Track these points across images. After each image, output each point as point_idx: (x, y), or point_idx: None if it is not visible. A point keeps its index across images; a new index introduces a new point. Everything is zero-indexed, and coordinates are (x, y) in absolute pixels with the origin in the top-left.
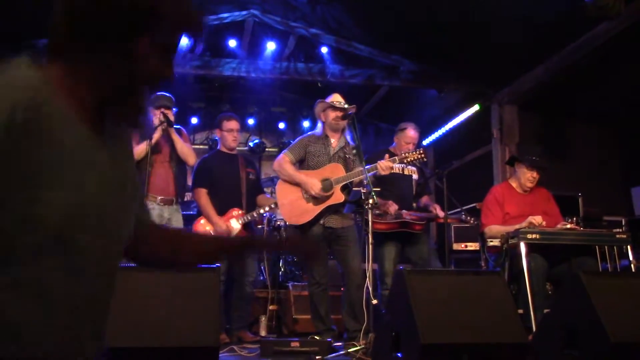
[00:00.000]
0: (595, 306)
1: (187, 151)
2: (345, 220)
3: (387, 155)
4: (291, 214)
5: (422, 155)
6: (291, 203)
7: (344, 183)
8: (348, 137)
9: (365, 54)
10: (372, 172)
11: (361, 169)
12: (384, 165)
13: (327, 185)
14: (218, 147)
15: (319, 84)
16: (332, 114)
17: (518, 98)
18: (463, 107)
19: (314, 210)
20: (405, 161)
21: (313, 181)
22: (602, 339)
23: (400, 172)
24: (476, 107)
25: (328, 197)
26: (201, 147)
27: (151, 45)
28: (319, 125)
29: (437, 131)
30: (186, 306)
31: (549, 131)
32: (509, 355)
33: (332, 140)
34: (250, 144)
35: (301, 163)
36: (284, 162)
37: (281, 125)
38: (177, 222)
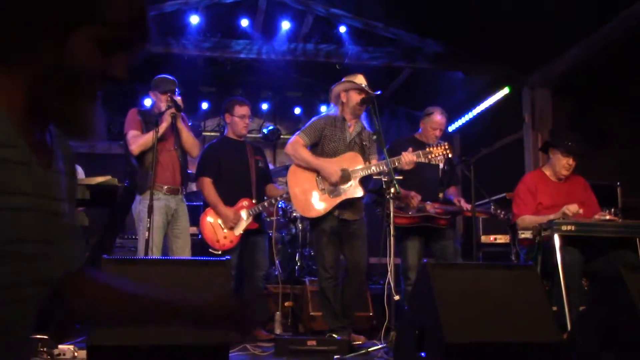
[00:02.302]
0: (637, 304)
1: (192, 142)
2: (358, 212)
3: (410, 148)
4: (305, 206)
5: (448, 151)
6: (305, 193)
7: (362, 176)
8: (365, 123)
9: (387, 34)
10: (393, 165)
11: (382, 161)
12: (408, 160)
13: (346, 176)
14: (225, 133)
15: (337, 67)
16: (357, 97)
17: (551, 81)
18: (491, 90)
19: (330, 203)
20: (429, 157)
21: (333, 168)
22: None
23: (426, 161)
24: (506, 91)
25: (345, 190)
26: (212, 134)
27: (91, 41)
28: (335, 107)
29: (463, 117)
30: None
31: (585, 116)
32: (542, 356)
33: (350, 125)
34: (264, 130)
35: (314, 147)
36: (299, 145)
37: (297, 111)
38: (183, 213)
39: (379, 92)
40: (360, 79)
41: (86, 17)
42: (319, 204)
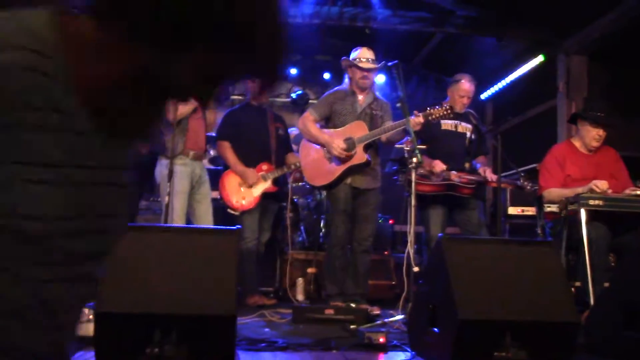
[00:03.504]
0: None
1: (214, 119)
2: (373, 182)
3: (415, 112)
4: (313, 175)
5: (448, 111)
6: (313, 163)
7: (366, 142)
8: (376, 92)
9: None
10: (399, 128)
11: (385, 126)
12: (416, 121)
13: (350, 145)
14: (247, 100)
15: (366, 30)
16: (359, 74)
17: (588, 47)
18: (526, 57)
19: (336, 170)
20: (430, 118)
21: (336, 142)
22: None
23: (453, 129)
24: (540, 58)
25: (351, 157)
26: (240, 97)
27: (198, 66)
28: (346, 80)
29: (496, 84)
30: (201, 269)
31: (621, 84)
32: (558, 336)
33: (360, 97)
34: (293, 95)
35: (327, 120)
36: (308, 121)
37: (326, 76)
38: (206, 179)
39: (381, 65)
40: (363, 53)
41: (207, 44)
42: (325, 172)
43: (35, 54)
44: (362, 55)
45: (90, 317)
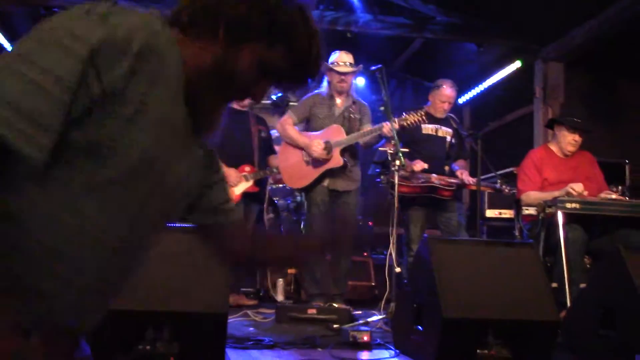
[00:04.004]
0: (635, 284)
1: None
2: (351, 184)
3: (393, 118)
4: (291, 177)
5: (423, 117)
6: (292, 166)
7: (343, 146)
8: (355, 95)
9: (399, 2)
10: (375, 133)
11: (362, 131)
12: (388, 128)
13: (328, 148)
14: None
15: (348, 34)
16: (336, 77)
17: (566, 54)
18: (504, 63)
19: (313, 173)
20: (405, 124)
21: (315, 142)
22: None
23: (433, 133)
24: (518, 64)
25: (328, 161)
26: None
27: (256, 58)
28: (325, 83)
29: (474, 89)
30: (192, 268)
31: (597, 91)
32: (539, 334)
33: (338, 101)
34: (273, 96)
35: (306, 123)
36: (287, 124)
37: None
38: None
39: (358, 68)
40: (342, 57)
41: (264, 36)
42: (303, 175)
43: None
44: (340, 59)
45: None
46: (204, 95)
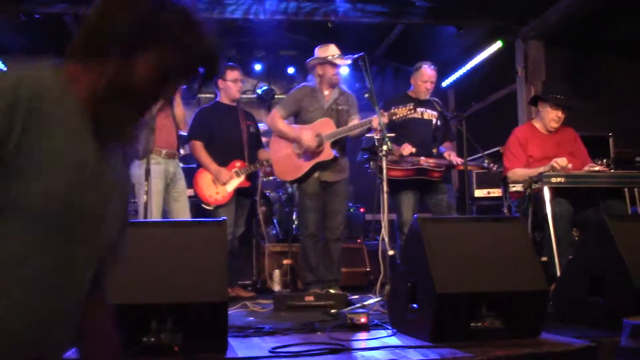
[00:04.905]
0: (620, 251)
1: (182, 115)
2: (340, 174)
3: (382, 111)
4: (283, 170)
5: (412, 110)
6: (283, 159)
7: (334, 139)
8: (344, 86)
9: None
10: (365, 127)
11: (352, 124)
12: (377, 122)
13: (319, 141)
14: (217, 99)
15: (329, 25)
16: (332, 71)
17: (545, 32)
18: (485, 44)
19: (304, 166)
20: (394, 118)
21: (305, 134)
22: (627, 284)
23: (419, 117)
24: (499, 44)
25: (319, 153)
26: (207, 95)
27: (151, 65)
28: (316, 77)
29: (457, 71)
30: (192, 260)
31: (578, 67)
32: (529, 304)
33: (326, 93)
34: (259, 91)
35: (295, 117)
36: (276, 118)
37: (290, 70)
38: (181, 176)
39: (349, 59)
40: (332, 50)
41: (154, 43)
42: (294, 168)
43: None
44: (333, 52)
45: None
46: (112, 117)
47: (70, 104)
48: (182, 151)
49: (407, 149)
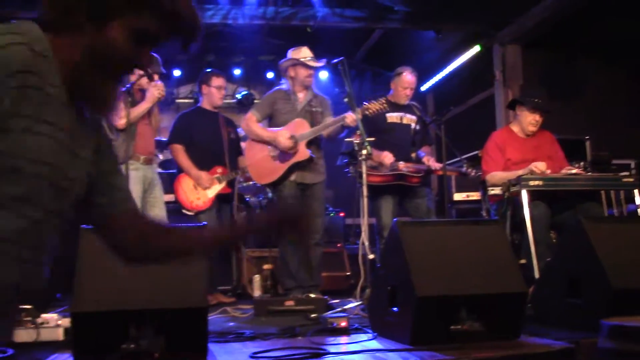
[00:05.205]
0: (597, 253)
1: (159, 122)
2: (317, 176)
3: (357, 109)
4: (259, 173)
5: (384, 105)
6: (259, 162)
7: (309, 139)
8: (316, 89)
9: None
10: (338, 124)
11: (326, 122)
12: (352, 119)
13: (293, 142)
14: (199, 104)
15: (308, 29)
16: (305, 72)
17: (522, 37)
18: (463, 48)
19: (280, 168)
20: (368, 113)
21: (281, 134)
22: (604, 286)
23: (398, 121)
24: (477, 48)
25: (294, 154)
26: (185, 100)
27: (126, 31)
28: (288, 79)
29: (436, 75)
30: (172, 265)
31: (555, 71)
32: (508, 306)
33: (300, 95)
34: (238, 96)
35: (269, 120)
36: (251, 122)
37: (270, 75)
38: (157, 182)
39: (323, 62)
40: (305, 52)
41: (126, 8)
42: (270, 171)
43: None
44: (306, 54)
45: (59, 322)
46: (90, 85)
47: (56, 71)
48: (161, 156)
49: (388, 157)
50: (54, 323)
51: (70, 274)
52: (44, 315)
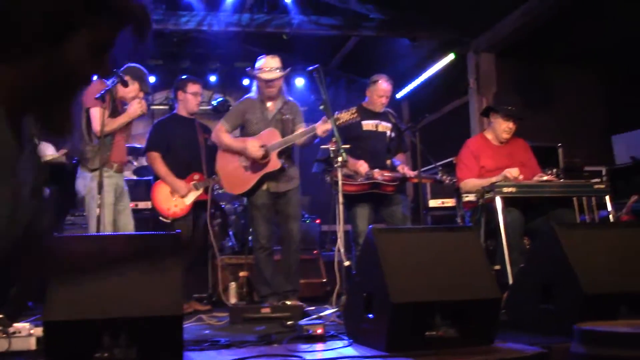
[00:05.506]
0: (570, 258)
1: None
2: (289, 183)
3: (324, 118)
4: (231, 184)
5: (355, 115)
6: (230, 173)
7: (279, 149)
8: (286, 96)
9: (333, 2)
10: (309, 134)
11: (296, 133)
12: (324, 128)
13: (264, 152)
14: (175, 111)
15: (283, 36)
16: (262, 83)
17: (495, 45)
18: (438, 56)
19: (252, 178)
20: (338, 123)
21: (250, 143)
22: (576, 291)
23: (374, 129)
24: (451, 56)
25: (265, 165)
26: (160, 107)
27: (85, 44)
28: (254, 87)
29: (411, 83)
30: (146, 273)
31: (528, 79)
32: (482, 312)
33: (269, 104)
34: (214, 102)
35: (242, 129)
36: (221, 132)
37: (245, 82)
38: (126, 190)
39: (286, 72)
40: (268, 62)
41: (82, 19)
42: (242, 181)
43: None
44: (266, 64)
45: (32, 331)
46: (52, 106)
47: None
48: (135, 163)
49: (364, 167)
50: (26, 332)
51: (43, 283)
52: (16, 325)
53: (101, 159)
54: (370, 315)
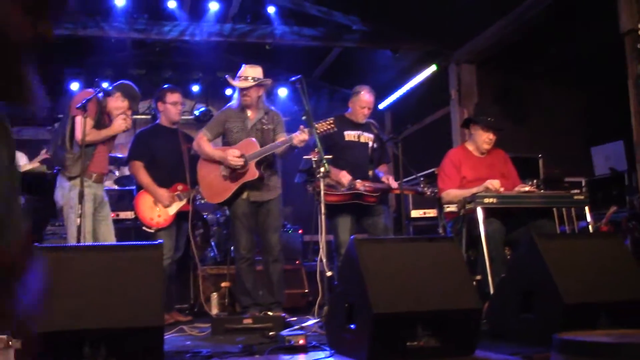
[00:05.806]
0: (550, 268)
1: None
2: (270, 193)
3: (301, 127)
4: (210, 193)
5: (332, 126)
6: (210, 182)
7: (258, 159)
8: (267, 105)
9: (316, 14)
10: (285, 144)
11: (274, 143)
12: (301, 138)
13: (243, 161)
14: (157, 121)
15: (266, 47)
16: (241, 92)
17: (476, 57)
18: (420, 67)
19: (231, 187)
20: (316, 133)
21: (230, 152)
22: (556, 300)
23: (356, 139)
24: (433, 68)
25: (244, 174)
26: (142, 117)
27: (18, 7)
28: (235, 95)
29: (393, 94)
30: (127, 284)
31: (509, 90)
32: (463, 322)
33: (249, 113)
34: (196, 112)
35: (223, 138)
36: (202, 141)
37: (228, 92)
38: (106, 200)
39: (268, 80)
40: (246, 72)
41: None
42: (221, 190)
43: None
44: (243, 73)
45: (10, 343)
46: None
47: None
48: (117, 173)
49: (346, 177)
50: (4, 344)
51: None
52: None
53: (82, 167)
54: (352, 326)
